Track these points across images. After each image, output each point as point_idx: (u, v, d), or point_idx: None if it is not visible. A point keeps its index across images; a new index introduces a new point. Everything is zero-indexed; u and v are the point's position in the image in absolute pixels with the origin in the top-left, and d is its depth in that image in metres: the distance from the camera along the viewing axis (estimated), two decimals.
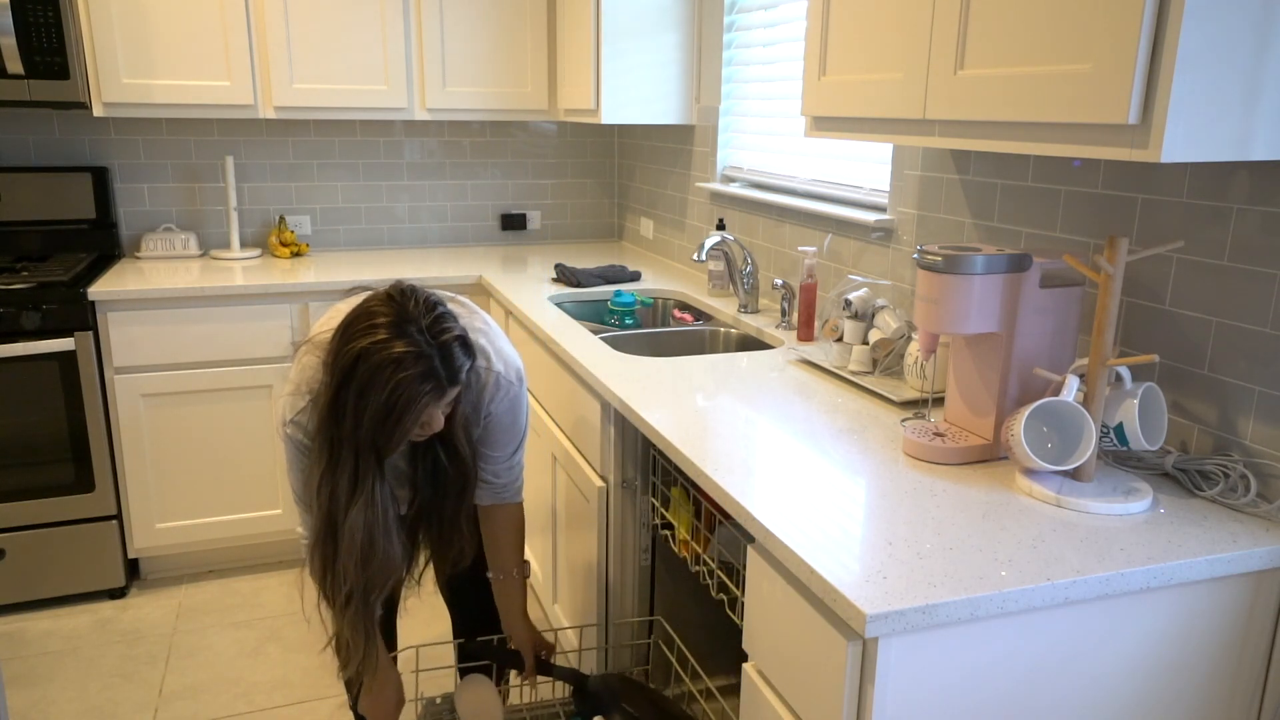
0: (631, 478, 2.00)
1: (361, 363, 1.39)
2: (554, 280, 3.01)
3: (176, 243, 3.27)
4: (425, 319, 1.43)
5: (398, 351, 1.38)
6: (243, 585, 3.04)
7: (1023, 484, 1.40)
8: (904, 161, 2.09)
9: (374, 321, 1.41)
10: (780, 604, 1.27)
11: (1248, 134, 1.13)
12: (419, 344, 1.40)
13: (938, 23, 1.40)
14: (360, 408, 1.41)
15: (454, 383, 1.46)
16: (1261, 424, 1.37)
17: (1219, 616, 1.26)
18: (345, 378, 1.41)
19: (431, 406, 1.45)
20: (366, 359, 1.39)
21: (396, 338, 1.39)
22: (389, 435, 1.44)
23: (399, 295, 1.45)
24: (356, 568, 1.51)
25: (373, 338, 1.40)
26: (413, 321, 1.42)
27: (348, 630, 1.57)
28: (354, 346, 1.40)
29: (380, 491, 1.50)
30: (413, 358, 1.39)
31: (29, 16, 2.71)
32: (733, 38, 2.83)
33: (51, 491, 2.80)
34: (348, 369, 1.41)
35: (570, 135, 3.78)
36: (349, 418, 1.42)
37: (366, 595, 1.54)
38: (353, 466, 1.46)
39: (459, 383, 1.47)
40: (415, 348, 1.40)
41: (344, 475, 1.47)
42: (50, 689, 2.50)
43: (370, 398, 1.40)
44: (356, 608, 1.54)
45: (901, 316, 1.93)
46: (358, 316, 1.44)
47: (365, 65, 3.12)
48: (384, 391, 1.39)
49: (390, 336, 1.39)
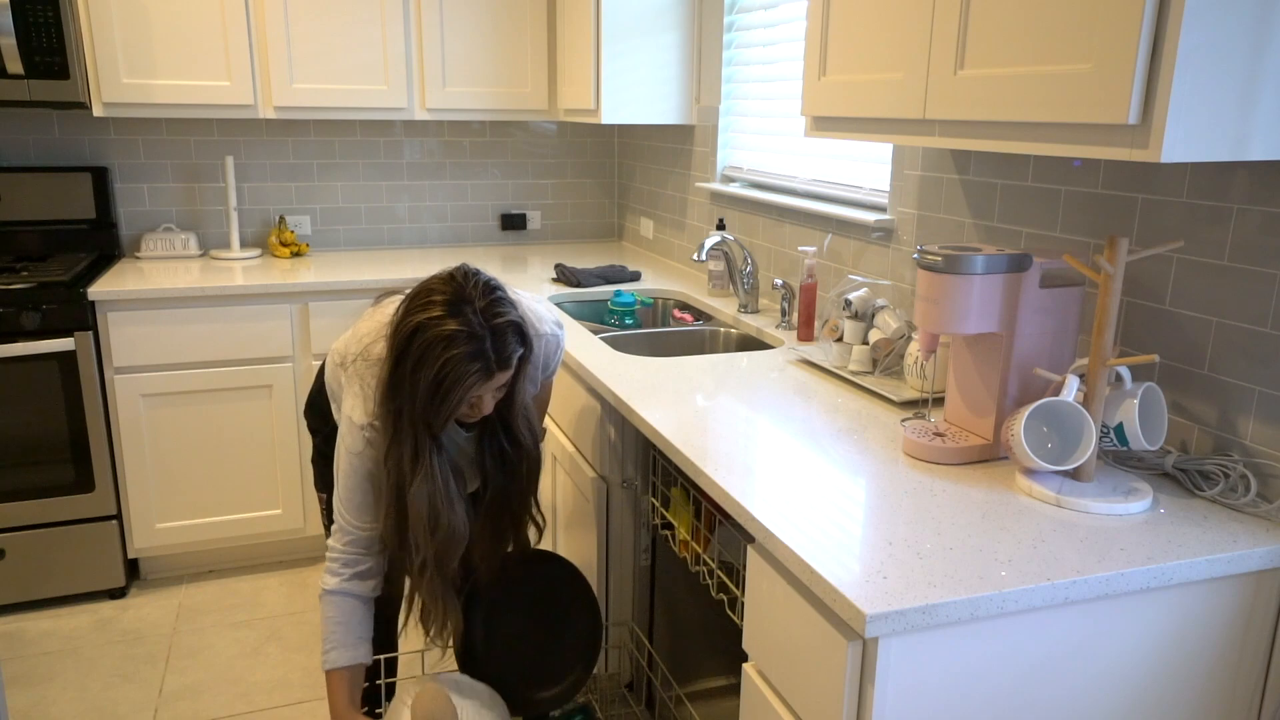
0: (631, 478, 2.00)
1: (416, 337, 1.45)
2: (554, 280, 3.01)
3: (176, 243, 3.27)
4: (481, 301, 1.48)
5: (450, 329, 1.44)
6: (243, 585, 3.04)
7: (1023, 484, 1.40)
8: (904, 161, 2.09)
9: (431, 298, 1.47)
10: (780, 604, 1.27)
11: (1247, 134, 1.13)
12: (472, 324, 1.45)
13: (938, 23, 1.40)
14: (414, 382, 1.47)
15: (504, 366, 1.50)
16: (1261, 424, 1.37)
17: (1219, 616, 1.26)
18: (402, 352, 1.47)
19: (479, 387, 1.49)
20: (421, 334, 1.45)
21: (451, 316, 1.45)
22: (437, 411, 1.49)
23: (460, 276, 1.51)
24: (426, 537, 1.57)
25: (428, 314, 1.45)
26: (469, 302, 1.46)
27: (425, 596, 1.65)
28: (411, 320, 1.46)
29: (439, 464, 1.56)
30: (464, 337, 1.44)
31: (29, 16, 2.71)
32: (733, 38, 2.83)
33: (51, 491, 2.79)
34: (404, 343, 1.47)
35: (570, 135, 3.78)
36: (405, 391, 1.48)
37: (440, 563, 1.60)
38: (413, 439, 1.53)
39: (509, 367, 1.51)
40: (468, 327, 1.45)
41: (406, 447, 1.53)
42: (50, 689, 2.50)
43: (422, 373, 1.45)
44: (431, 575, 1.61)
45: (901, 316, 1.93)
46: (418, 293, 1.50)
47: (365, 65, 3.12)
48: (434, 368, 1.44)
49: (445, 314, 1.45)
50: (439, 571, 1.62)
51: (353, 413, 1.62)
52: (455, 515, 1.59)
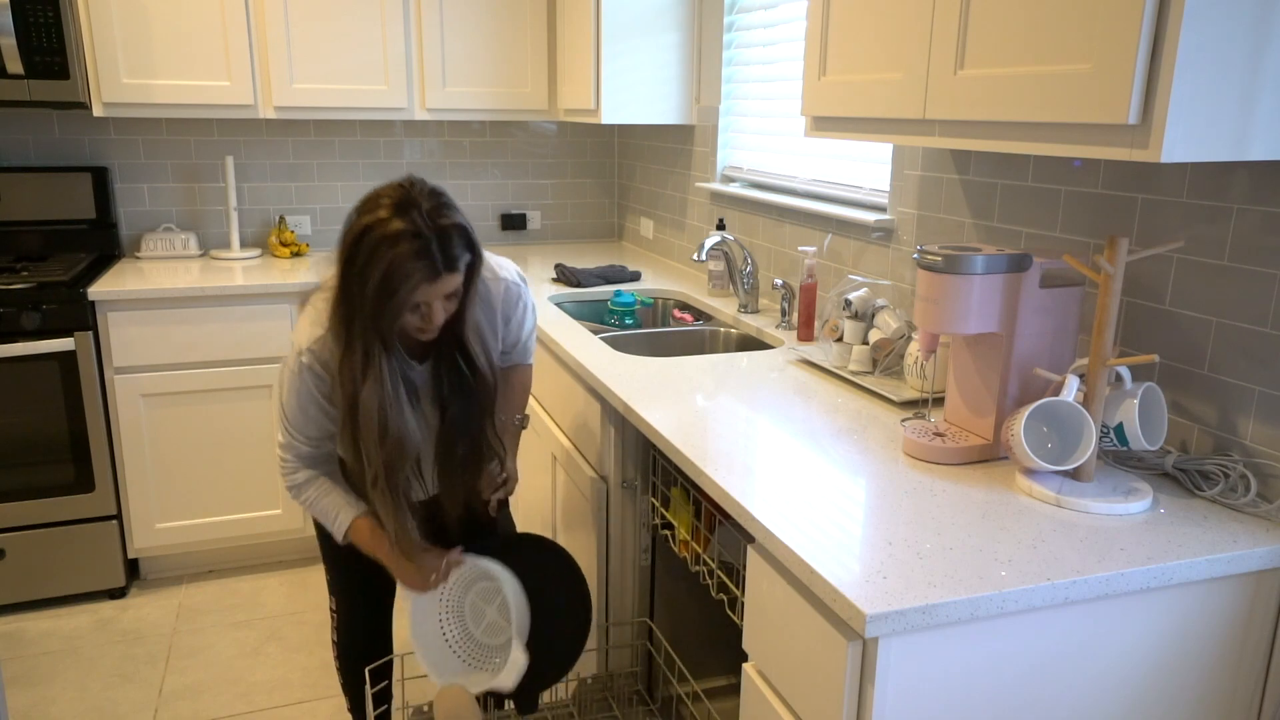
0: (631, 478, 2.00)
1: (363, 238, 1.47)
2: (554, 280, 3.01)
3: (176, 243, 3.27)
4: (427, 204, 1.50)
5: (396, 228, 1.45)
6: (243, 585, 3.04)
7: (1023, 484, 1.40)
8: (904, 161, 2.09)
9: (379, 202, 1.49)
10: (780, 604, 1.27)
11: (1247, 134, 1.13)
12: (418, 224, 1.46)
13: (938, 23, 1.40)
14: (362, 283, 1.48)
15: (450, 268, 1.50)
16: (1261, 424, 1.37)
17: (1219, 616, 1.26)
18: (350, 255, 1.49)
19: (425, 287, 1.50)
20: (368, 235, 1.47)
21: (397, 217, 1.46)
22: (384, 311, 1.50)
23: (408, 183, 1.53)
24: (375, 446, 1.59)
25: (375, 215, 1.47)
26: (415, 205, 1.48)
27: (379, 506, 1.65)
28: (359, 223, 1.49)
29: (389, 371, 1.57)
30: (410, 235, 1.46)
31: (29, 16, 2.71)
32: (733, 38, 2.83)
33: (51, 491, 2.80)
34: (352, 246, 1.48)
35: (570, 135, 3.78)
36: (355, 295, 1.50)
37: (390, 473, 1.61)
38: (363, 345, 1.54)
39: (455, 269, 1.52)
40: (413, 227, 1.46)
41: (357, 354, 1.55)
42: (50, 689, 2.50)
43: (370, 272, 1.47)
44: (383, 487, 1.62)
45: (901, 316, 1.93)
46: (367, 199, 1.52)
47: (365, 65, 3.12)
48: (381, 267, 1.46)
49: (391, 215, 1.47)
50: (389, 481, 1.62)
51: (297, 335, 1.65)
52: (405, 423, 1.60)
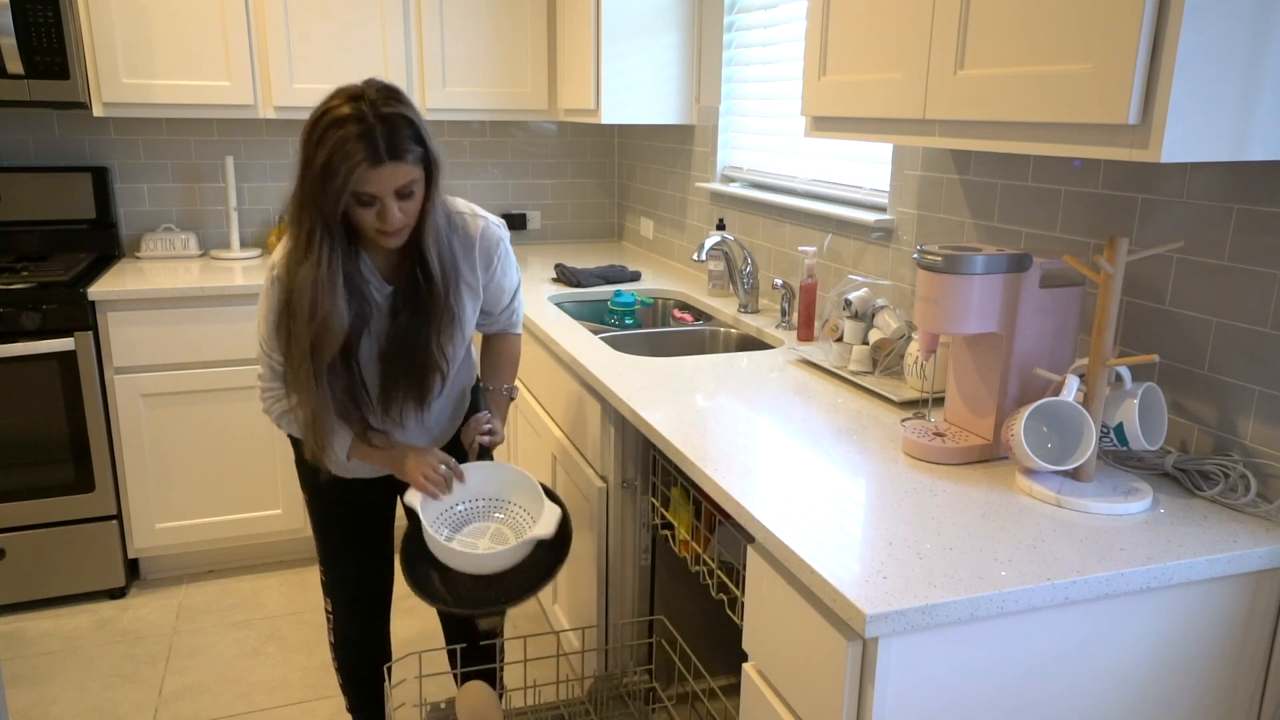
0: (631, 478, 2.00)
1: (316, 124, 1.56)
2: (554, 280, 3.01)
3: (176, 243, 3.27)
4: (377, 95, 1.57)
5: (343, 113, 1.54)
6: (243, 585, 3.04)
7: (1023, 484, 1.40)
8: (904, 161, 2.09)
9: (337, 94, 1.58)
10: (780, 604, 1.27)
11: (1247, 134, 1.13)
12: (363, 111, 1.54)
13: (937, 23, 1.40)
14: (310, 165, 1.56)
15: (394, 156, 1.55)
16: (1261, 424, 1.37)
17: (1219, 616, 1.26)
18: (305, 140, 1.57)
19: (367, 171, 1.54)
20: (320, 120, 1.55)
21: (347, 103, 1.55)
22: (327, 192, 1.55)
23: (367, 81, 1.61)
24: (304, 326, 1.62)
25: (329, 103, 1.57)
26: (364, 96, 1.56)
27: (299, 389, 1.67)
28: (314, 113, 1.57)
29: (329, 256, 1.61)
30: (354, 119, 1.53)
31: (29, 16, 2.71)
32: (733, 38, 2.83)
33: (51, 491, 2.80)
34: (307, 132, 1.57)
35: (570, 135, 3.78)
36: (305, 178, 1.57)
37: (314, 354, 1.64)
38: (308, 229, 1.59)
39: (400, 158, 1.56)
40: (358, 112, 1.53)
41: (302, 238, 1.60)
42: (50, 689, 2.50)
43: (316, 155, 1.54)
44: (306, 367, 1.64)
45: (901, 316, 1.93)
46: (330, 94, 1.60)
47: (365, 65, 3.12)
48: (326, 148, 1.53)
49: (342, 103, 1.56)
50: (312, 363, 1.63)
51: (274, 254, 1.70)
52: (335, 307, 1.62)
